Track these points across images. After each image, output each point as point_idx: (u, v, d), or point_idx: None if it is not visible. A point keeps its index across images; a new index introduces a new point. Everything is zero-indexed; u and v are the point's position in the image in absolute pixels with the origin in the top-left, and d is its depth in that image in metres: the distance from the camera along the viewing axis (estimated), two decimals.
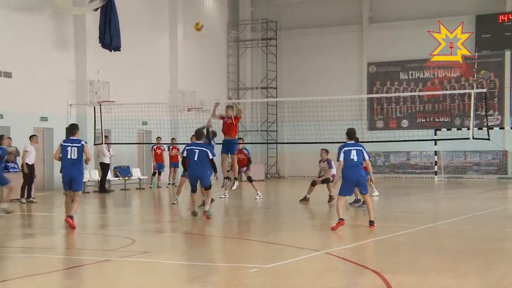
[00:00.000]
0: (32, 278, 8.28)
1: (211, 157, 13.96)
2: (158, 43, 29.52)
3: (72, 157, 12.45)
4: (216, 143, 17.16)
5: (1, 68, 22.01)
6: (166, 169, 26.34)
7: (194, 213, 14.41)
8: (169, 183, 26.00)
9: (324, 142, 18.96)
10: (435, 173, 30.22)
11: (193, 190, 14.30)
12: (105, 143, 22.07)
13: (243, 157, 19.60)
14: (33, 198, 18.73)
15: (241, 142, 19.58)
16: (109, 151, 23.02)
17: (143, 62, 28.03)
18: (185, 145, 15.26)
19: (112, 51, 24.66)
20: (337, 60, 33.81)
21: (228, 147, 16.83)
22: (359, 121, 29.69)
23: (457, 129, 29.98)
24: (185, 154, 14.17)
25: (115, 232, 12.53)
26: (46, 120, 23.57)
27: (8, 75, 22.25)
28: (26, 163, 18.41)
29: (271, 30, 34.92)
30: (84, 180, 22.91)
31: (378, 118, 33.27)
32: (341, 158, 11.85)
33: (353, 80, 33.46)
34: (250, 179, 19.39)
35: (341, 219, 11.90)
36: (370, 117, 33.22)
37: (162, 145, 25.54)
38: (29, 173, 18.35)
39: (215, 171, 14.27)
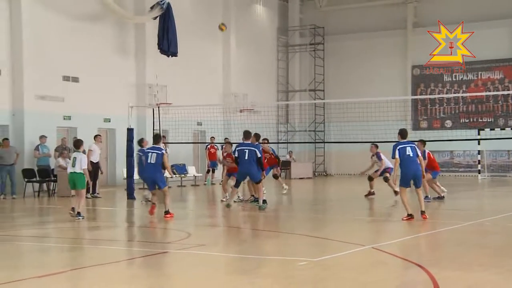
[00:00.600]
0: (94, 268, 8.43)
1: (259, 155, 14.51)
2: (212, 48, 29.71)
3: (151, 162, 13.37)
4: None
5: (69, 74, 22.52)
6: (220, 167, 26.45)
7: (228, 206, 14.96)
8: (222, 180, 26.11)
9: (369, 141, 18.72)
10: (479, 171, 29.49)
11: (237, 185, 15.03)
12: (163, 143, 22.33)
13: (269, 156, 19.38)
14: (98, 193, 19.07)
15: (267, 142, 19.38)
16: (166, 150, 23.32)
17: (198, 66, 28.25)
18: (235, 145, 15.57)
19: (170, 56, 24.94)
20: (382, 63, 33.39)
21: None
22: (404, 121, 29.24)
23: (501, 129, 29.19)
24: (236, 155, 14.59)
25: (172, 226, 12.65)
26: (109, 121, 24.00)
27: (75, 80, 22.75)
28: (91, 161, 18.73)
29: (319, 35, 34.74)
30: None
31: (422, 119, 32.69)
32: (397, 156, 12.32)
33: (397, 82, 32.99)
34: (275, 177, 19.31)
35: (410, 215, 12.42)
36: (414, 117, 32.66)
37: (215, 144, 25.68)
38: (93, 171, 18.68)
39: (263, 169, 14.91)
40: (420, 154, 12.59)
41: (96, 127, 23.29)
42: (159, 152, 13.37)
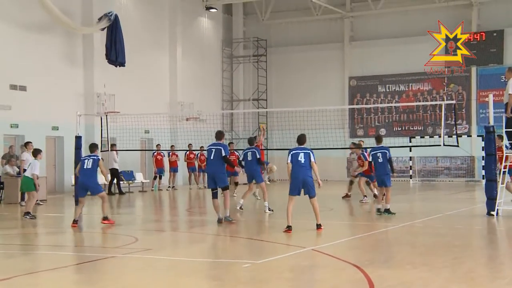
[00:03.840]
0: (43, 274, 8.22)
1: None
2: (159, 59, 29.51)
3: (88, 167, 13.02)
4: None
5: (17, 82, 21.92)
6: (166, 174, 26.28)
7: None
8: (169, 187, 25.92)
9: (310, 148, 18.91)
10: (410, 176, 30.36)
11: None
12: (113, 150, 22.14)
13: (234, 158, 19.97)
14: (39, 201, 18.50)
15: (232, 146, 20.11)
16: (116, 157, 23.18)
17: (145, 76, 28.00)
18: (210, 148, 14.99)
19: (118, 66, 24.60)
20: (321, 75, 33.93)
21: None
22: (341, 129, 29.70)
23: (430, 137, 30.09)
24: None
25: (120, 231, 12.46)
26: (57, 129, 23.47)
27: (23, 88, 22.15)
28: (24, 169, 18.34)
29: (262, 47, 35.02)
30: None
31: (359, 127, 33.34)
32: (289, 160, 11.51)
33: (336, 93, 33.57)
34: (236, 184, 20.06)
35: (289, 227, 11.44)
36: (351, 126, 33.29)
37: (162, 151, 25.48)
38: None
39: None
40: (313, 160, 11.45)
41: (44, 135, 22.74)
42: (95, 157, 13.10)
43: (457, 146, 15.51)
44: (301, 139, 11.90)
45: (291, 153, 11.60)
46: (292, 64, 34.56)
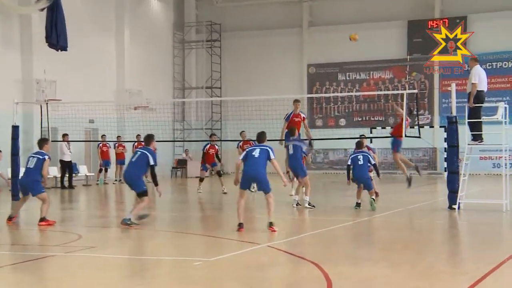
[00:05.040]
0: None
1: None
2: (105, 43, 29.04)
3: (30, 166, 12.58)
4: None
5: None
6: (112, 166, 25.96)
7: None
8: (115, 180, 25.61)
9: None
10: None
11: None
12: (64, 141, 21.95)
13: (214, 151, 20.35)
14: None
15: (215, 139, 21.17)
16: (69, 149, 22.92)
17: (90, 62, 27.51)
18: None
19: (59, 50, 24.05)
20: (279, 61, 34.01)
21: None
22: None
23: (391, 128, 30.51)
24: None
25: (61, 228, 12.23)
26: None
27: None
28: None
29: (215, 32, 34.85)
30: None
31: (318, 117, 33.60)
32: (241, 157, 11.37)
33: (294, 81, 33.72)
34: (219, 173, 20.38)
35: (240, 224, 11.19)
36: (309, 116, 33.50)
37: (107, 142, 25.14)
38: None
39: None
40: (273, 157, 11.21)
41: None
42: (41, 157, 12.68)
43: (419, 137, 15.80)
44: (260, 138, 11.60)
45: (246, 150, 11.54)
46: (247, 50, 34.52)
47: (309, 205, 14.86)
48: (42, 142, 13.20)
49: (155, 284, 7.38)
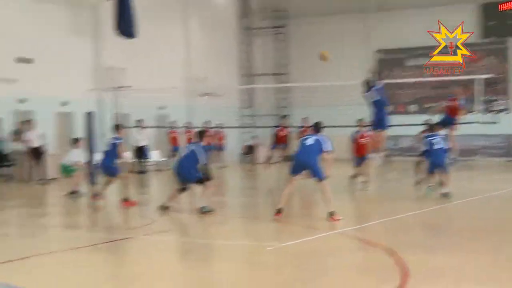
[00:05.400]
0: (58, 254, 8.35)
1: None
2: (172, 30, 29.45)
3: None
4: None
5: (23, 55, 22.04)
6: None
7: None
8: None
9: (333, 126, 18.78)
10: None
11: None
12: (137, 127, 22.49)
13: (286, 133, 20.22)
14: (46, 179, 18.80)
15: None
16: (141, 134, 23.45)
17: (158, 49, 27.95)
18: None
19: (127, 38, 24.59)
20: (346, 47, 33.60)
21: None
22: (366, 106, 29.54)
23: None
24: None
25: (136, 212, 12.58)
26: (67, 104, 23.61)
27: (30, 61, 22.28)
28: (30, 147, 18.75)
29: (281, 18, 34.79)
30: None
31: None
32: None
33: (361, 66, 33.25)
34: (288, 159, 19.81)
35: (279, 210, 10.99)
36: None
37: (177, 128, 25.57)
38: (32, 157, 18.83)
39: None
40: (327, 149, 10.90)
41: (53, 110, 22.91)
42: (116, 141, 13.53)
43: (495, 123, 15.35)
44: (316, 127, 11.45)
45: (301, 139, 11.45)
46: (314, 36, 34.25)
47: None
48: (118, 127, 13.74)
49: (230, 268, 7.51)
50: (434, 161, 14.19)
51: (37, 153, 18.85)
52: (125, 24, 23.85)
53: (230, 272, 7.26)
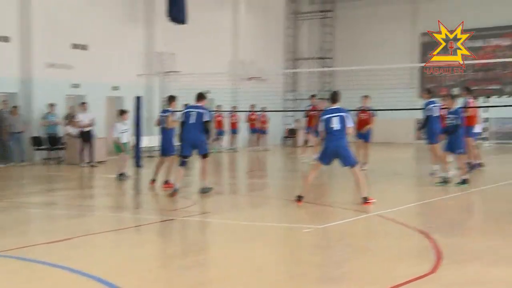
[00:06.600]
0: (103, 235, 8.53)
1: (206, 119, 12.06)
2: (221, 16, 29.47)
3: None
4: None
5: (78, 41, 22.45)
6: (226, 135, 26.54)
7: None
8: (230, 148, 26.20)
9: (377, 109, 18.53)
10: (485, 138, 29.41)
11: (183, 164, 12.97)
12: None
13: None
14: (95, 162, 19.13)
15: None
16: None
17: (207, 34, 28.02)
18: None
19: (179, 24, 24.77)
20: (392, 31, 33.05)
21: None
22: (411, 89, 29.06)
23: (508, 96, 29.02)
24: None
25: (179, 193, 12.71)
26: (118, 89, 23.99)
27: (84, 47, 22.68)
28: (81, 130, 19.05)
29: (328, 2, 34.42)
30: (152, 145, 23.43)
31: (430, 86, 32.41)
32: (320, 128, 10.53)
33: (406, 50, 32.67)
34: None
35: (300, 197, 10.52)
36: (421, 85, 32.43)
37: (222, 112, 25.67)
38: (82, 140, 19.07)
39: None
40: (350, 125, 10.33)
41: (105, 95, 23.31)
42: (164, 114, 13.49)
43: None
44: (334, 97, 10.69)
45: (323, 118, 10.41)
46: (360, 20, 33.80)
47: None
48: (170, 99, 13.95)
49: (268, 249, 7.53)
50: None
51: (88, 137, 19.24)
52: (177, 10, 24.06)
53: (268, 253, 7.29)
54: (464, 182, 12.66)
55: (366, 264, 6.71)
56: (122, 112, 15.47)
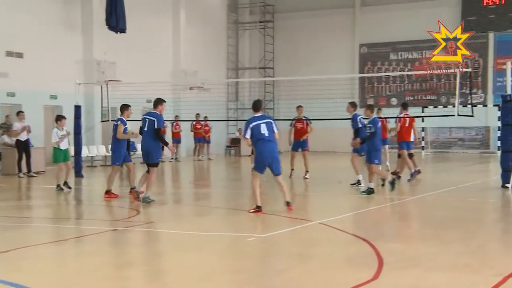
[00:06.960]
0: (42, 246, 8.30)
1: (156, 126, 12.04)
2: (161, 25, 29.33)
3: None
4: None
5: (13, 49, 21.86)
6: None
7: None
8: (172, 158, 26.00)
9: (317, 119, 18.84)
10: (422, 148, 30.29)
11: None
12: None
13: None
14: (33, 172, 18.64)
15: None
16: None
17: (147, 43, 27.85)
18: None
19: (118, 33, 24.48)
20: (331, 42, 33.68)
21: None
22: (351, 99, 29.54)
23: (443, 107, 30.01)
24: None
25: (121, 204, 12.53)
26: (56, 98, 23.47)
27: (19, 55, 22.10)
28: (18, 140, 18.51)
29: (268, 13, 34.74)
30: (92, 155, 22.98)
31: (369, 96, 33.19)
32: (248, 135, 10.56)
33: (345, 61, 33.36)
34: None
35: (259, 207, 10.62)
36: (361, 95, 33.14)
37: (164, 122, 25.44)
38: (19, 149, 18.49)
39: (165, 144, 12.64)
40: (276, 131, 10.60)
41: (42, 104, 22.77)
42: (116, 123, 13.24)
43: (472, 116, 15.45)
44: (257, 105, 10.78)
45: (251, 125, 10.48)
46: (300, 31, 34.29)
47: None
48: (122, 107, 13.78)
49: (212, 259, 7.49)
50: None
51: (25, 146, 18.70)
52: (116, 19, 23.77)
53: (212, 263, 7.25)
54: (370, 191, 12.92)
55: (309, 271, 6.76)
56: (59, 118, 14.99)
